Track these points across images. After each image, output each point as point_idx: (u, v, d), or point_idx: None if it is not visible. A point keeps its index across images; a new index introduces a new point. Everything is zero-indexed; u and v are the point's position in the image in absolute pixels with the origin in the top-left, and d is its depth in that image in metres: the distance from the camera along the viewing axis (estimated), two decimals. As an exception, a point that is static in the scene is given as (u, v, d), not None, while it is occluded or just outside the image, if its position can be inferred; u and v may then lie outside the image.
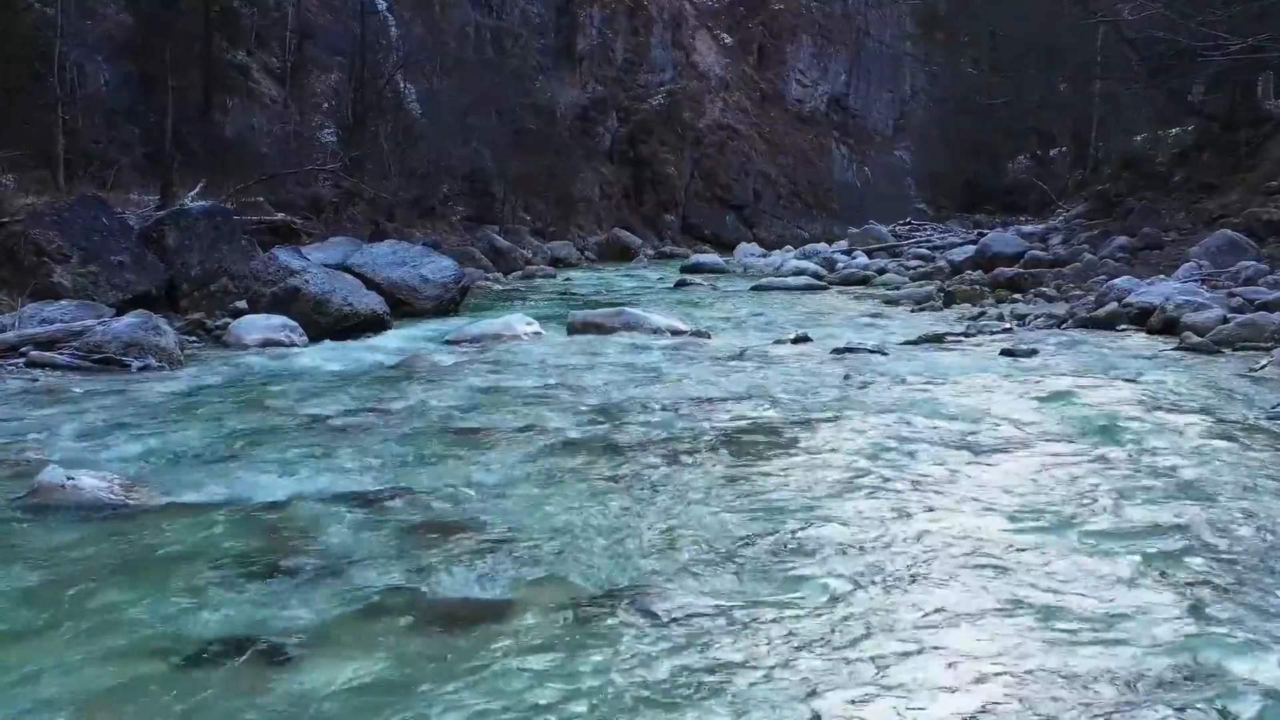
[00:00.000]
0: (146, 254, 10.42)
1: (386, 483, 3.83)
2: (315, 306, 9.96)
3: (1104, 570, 2.87)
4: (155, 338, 7.54)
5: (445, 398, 5.72)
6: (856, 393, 5.73)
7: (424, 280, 12.28)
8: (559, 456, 4.23)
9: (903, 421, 4.84)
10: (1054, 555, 2.97)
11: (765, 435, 4.63)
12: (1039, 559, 2.96)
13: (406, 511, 3.43)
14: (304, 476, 3.89)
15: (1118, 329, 9.06)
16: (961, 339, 8.36)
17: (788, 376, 6.40)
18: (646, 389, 5.95)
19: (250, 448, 4.40)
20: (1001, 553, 3.00)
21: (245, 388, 6.21)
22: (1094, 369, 6.51)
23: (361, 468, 4.03)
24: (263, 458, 4.19)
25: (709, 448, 4.34)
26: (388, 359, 7.79)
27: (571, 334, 9.63)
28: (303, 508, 3.46)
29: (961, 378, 6.22)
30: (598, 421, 4.95)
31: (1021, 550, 3.03)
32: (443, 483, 3.79)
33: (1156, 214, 15.04)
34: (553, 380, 6.35)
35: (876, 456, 4.17)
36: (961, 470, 3.97)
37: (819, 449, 4.32)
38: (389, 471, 4.00)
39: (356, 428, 4.82)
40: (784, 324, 10.76)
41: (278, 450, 4.35)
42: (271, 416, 5.15)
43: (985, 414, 5.06)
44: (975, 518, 3.35)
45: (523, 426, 4.82)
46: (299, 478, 3.87)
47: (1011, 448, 4.34)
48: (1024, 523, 3.32)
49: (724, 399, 5.56)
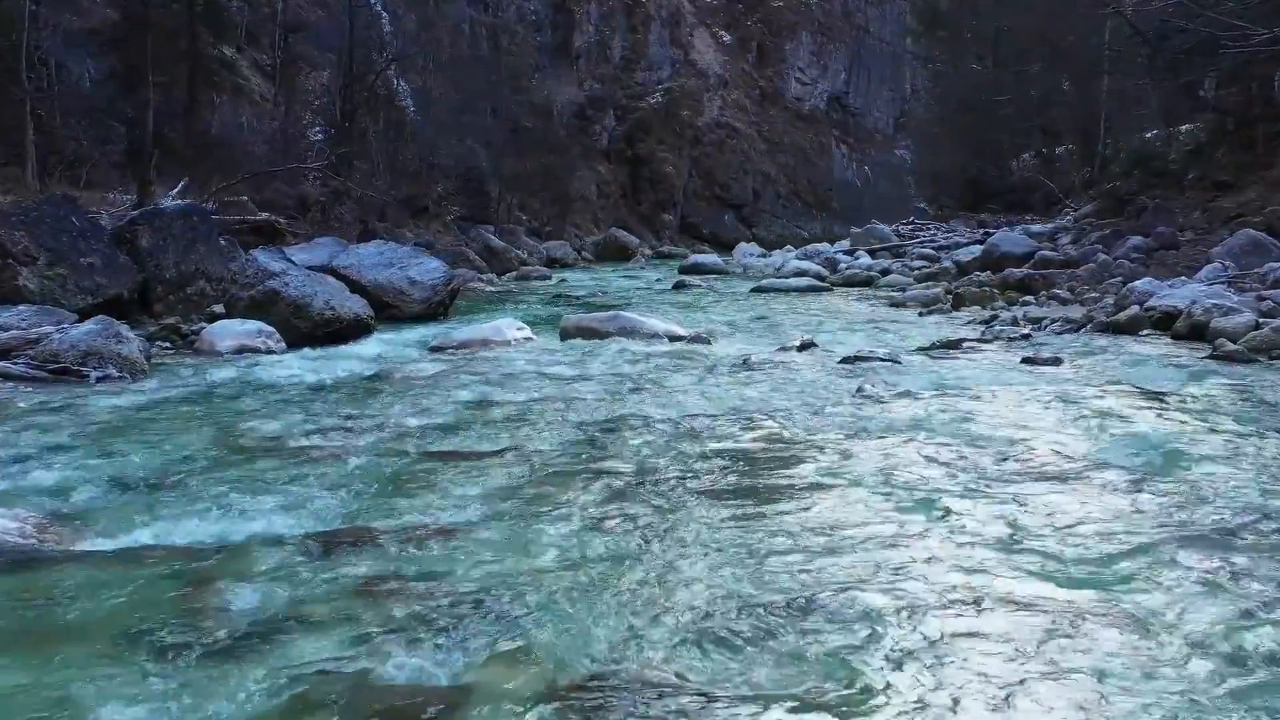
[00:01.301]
0: (119, 255, 9.92)
1: (343, 521, 3.34)
2: (295, 311, 9.48)
3: (1197, 647, 2.39)
4: (116, 346, 7.04)
5: (422, 414, 5.23)
6: (871, 409, 5.24)
7: (412, 282, 11.80)
8: (542, 487, 3.74)
9: (926, 445, 4.36)
10: (1135, 630, 2.48)
11: (773, 462, 4.14)
12: (1117, 632, 2.47)
13: (361, 560, 2.94)
14: (250, 513, 3.40)
15: (1140, 334, 8.59)
16: (977, 345, 7.87)
17: (795, 389, 5.91)
18: (642, 404, 5.46)
19: (196, 476, 3.90)
20: (1067, 622, 2.51)
21: (208, 402, 5.72)
22: (1127, 380, 6.02)
23: (317, 502, 3.54)
24: (207, 489, 3.70)
25: (711, 479, 3.85)
26: (367, 368, 7.30)
27: (564, 339, 9.15)
28: (239, 555, 2.97)
29: (983, 390, 5.73)
30: (587, 444, 4.46)
31: (1092, 619, 2.54)
32: (406, 521, 3.30)
33: (1170, 213, 14.56)
34: (541, 393, 5.86)
35: (902, 491, 3.67)
36: (1002, 508, 3.47)
37: (834, 480, 3.83)
38: (348, 506, 3.51)
39: (320, 451, 4.32)
40: (787, 328, 10.29)
41: (227, 479, 3.85)
42: (228, 437, 4.66)
43: (1017, 435, 4.57)
44: (1029, 573, 2.86)
45: (504, 449, 4.33)
46: (244, 515, 3.37)
47: (1055, 478, 3.85)
48: (1090, 579, 2.83)
49: (726, 416, 5.07)
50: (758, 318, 11.50)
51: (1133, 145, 17.93)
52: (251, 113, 19.93)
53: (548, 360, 7.40)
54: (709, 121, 39.68)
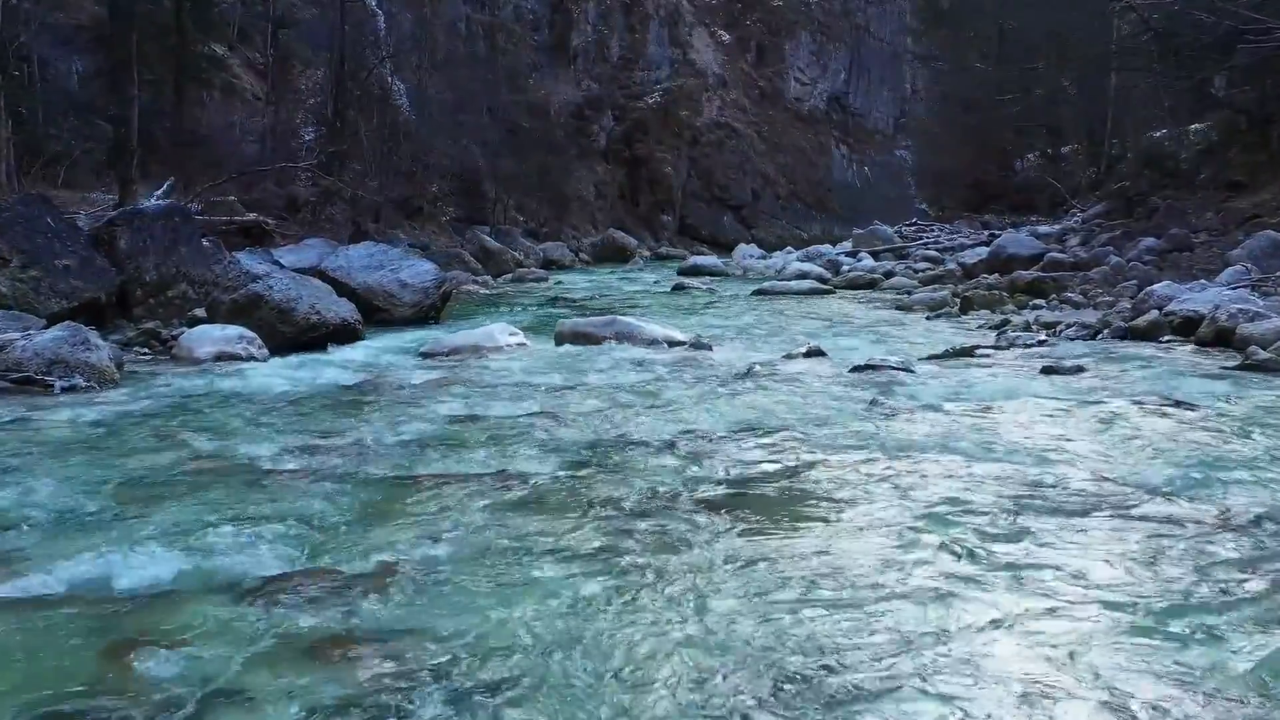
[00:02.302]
0: (96, 257, 9.53)
1: (301, 561, 2.96)
2: (279, 315, 9.08)
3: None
4: (84, 353, 6.65)
5: (404, 430, 4.84)
6: (888, 424, 4.86)
7: (402, 285, 11.41)
8: (529, 519, 3.35)
9: (952, 468, 3.97)
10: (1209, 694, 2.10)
11: (784, 488, 3.75)
12: (1190, 696, 2.09)
13: (316, 611, 2.55)
14: (196, 551, 3.01)
15: (1161, 340, 8.21)
16: (992, 353, 7.49)
17: (804, 401, 5.53)
18: (639, 419, 5.07)
19: (144, 505, 3.51)
20: (1137, 685, 2.13)
21: (174, 416, 5.33)
22: (1157, 393, 5.64)
23: (275, 537, 3.15)
24: (154, 521, 3.31)
25: (716, 511, 3.46)
26: (351, 377, 6.92)
27: (560, 345, 8.77)
28: (175, 605, 2.58)
29: (1006, 404, 5.35)
30: (581, 466, 4.07)
31: (1166, 680, 2.16)
32: (373, 562, 2.92)
33: (1182, 214, 14.21)
34: (533, 406, 5.48)
35: (929, 520, 3.29)
36: (1044, 543, 3.10)
37: (854, 509, 3.45)
38: (309, 543, 3.12)
39: (287, 475, 3.93)
40: (791, 333, 9.90)
41: (178, 509, 3.46)
42: (189, 458, 4.27)
43: (1049, 455, 4.19)
44: (1091, 625, 2.48)
45: (490, 473, 3.94)
46: (189, 553, 2.98)
47: (1098, 507, 3.47)
48: (1153, 629, 2.45)
49: (731, 433, 4.69)
50: (760, 322, 11.12)
51: (1142, 145, 17.56)
52: (243, 112, 19.55)
53: (541, 369, 7.02)
54: (708, 122, 39.30)
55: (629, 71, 37.02)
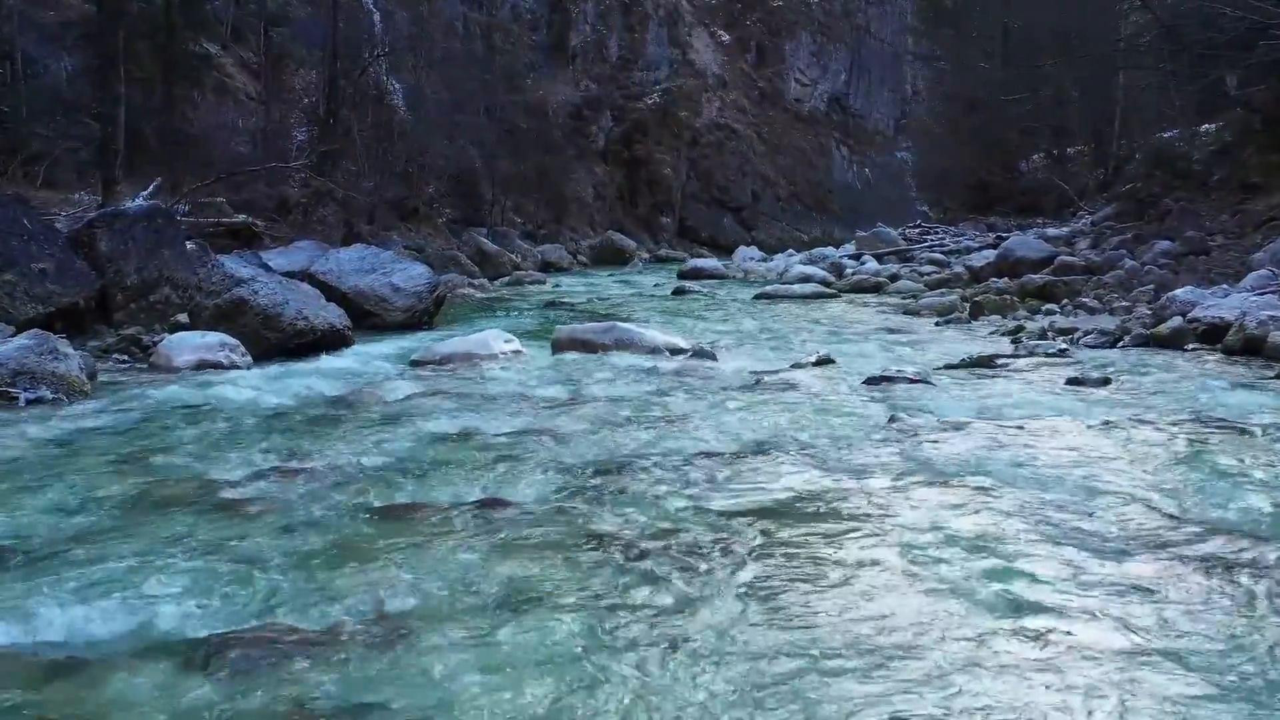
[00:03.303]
0: (75, 261, 9.14)
1: (257, 613, 2.59)
2: (264, 321, 8.74)
3: None
4: (52, 363, 6.28)
5: (388, 450, 4.47)
6: (909, 443, 4.49)
7: (394, 289, 11.05)
8: (518, 560, 2.98)
9: (985, 498, 3.61)
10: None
11: (802, 524, 3.38)
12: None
13: (270, 679, 2.19)
14: (138, 601, 2.64)
15: (1186, 348, 7.85)
16: (1011, 362, 7.13)
17: (817, 417, 5.16)
18: (641, 437, 4.71)
19: (89, 541, 3.15)
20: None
21: (142, 432, 4.96)
22: (1194, 408, 5.28)
23: (232, 583, 2.78)
24: (96, 562, 2.94)
25: (728, 548, 3.09)
26: (336, 387, 6.55)
27: (557, 353, 8.40)
28: (100, 674, 2.21)
29: (1033, 421, 4.98)
30: (578, 494, 3.70)
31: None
32: (337, 617, 2.55)
33: (1195, 216, 13.84)
34: (527, 422, 5.11)
35: (967, 569, 2.92)
36: (1093, 586, 2.74)
37: (880, 547, 3.08)
38: (270, 589, 2.76)
39: (254, 505, 3.57)
40: (797, 340, 9.55)
41: (127, 546, 3.10)
42: (149, 482, 3.90)
43: (1088, 482, 3.83)
44: (1144, 680, 2.12)
45: (477, 503, 3.57)
46: (129, 604, 2.62)
47: (1148, 544, 3.11)
48: (1216, 686, 2.10)
49: (741, 455, 4.32)
50: (763, 327, 10.76)
51: (1152, 145, 17.19)
52: (236, 111, 19.18)
53: (537, 379, 6.65)
54: (707, 122, 38.96)
55: (628, 72, 36.67)
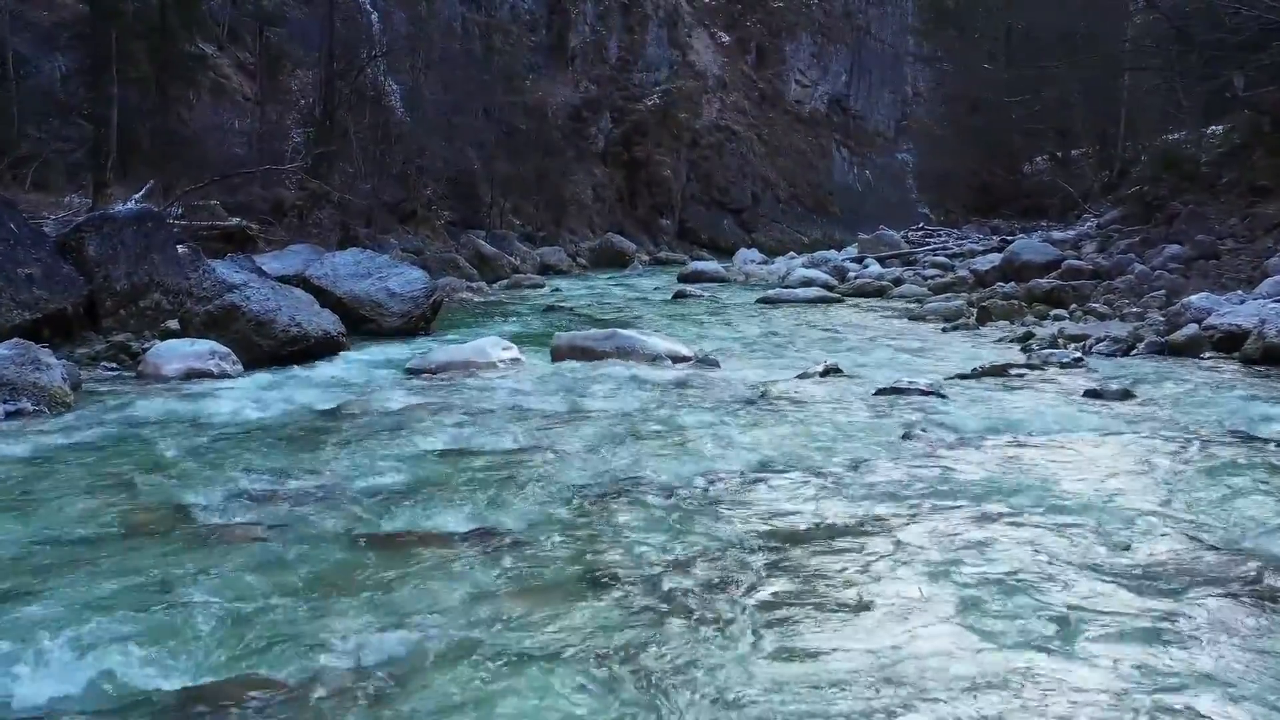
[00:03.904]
0: (62, 266, 8.91)
1: (231, 662, 2.37)
2: (256, 328, 8.52)
3: None
4: (33, 374, 6.06)
5: (378, 469, 4.25)
6: (926, 463, 4.27)
7: (390, 294, 10.83)
8: (514, 601, 2.76)
9: (1011, 522, 3.39)
10: None
11: (816, 553, 3.17)
12: None
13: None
14: (100, 649, 2.42)
15: (1202, 357, 7.65)
16: (1025, 372, 6.91)
17: (828, 433, 4.94)
18: (646, 455, 4.49)
19: (53, 577, 2.92)
20: None
21: (123, 449, 4.74)
22: (1219, 422, 5.07)
23: (206, 626, 2.56)
24: (58, 602, 2.72)
25: (737, 583, 2.88)
26: (328, 398, 6.33)
27: (556, 360, 8.19)
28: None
29: (1055, 437, 4.77)
30: (580, 522, 3.48)
31: None
32: (318, 666, 2.33)
33: (1204, 219, 13.63)
34: (526, 438, 4.89)
35: (1001, 605, 2.71)
36: (1146, 632, 2.52)
37: (905, 582, 2.86)
38: (247, 634, 2.53)
39: (234, 532, 3.35)
40: (802, 347, 9.35)
41: (94, 583, 2.87)
42: (125, 507, 3.68)
43: (1122, 507, 3.61)
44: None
45: (472, 532, 3.34)
46: (90, 653, 2.39)
47: (1198, 580, 2.89)
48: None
49: (750, 476, 4.10)
50: (767, 333, 10.55)
51: (1159, 147, 16.97)
52: (232, 113, 18.96)
53: (535, 390, 6.43)
54: (707, 124, 38.78)
55: (627, 73, 36.46)
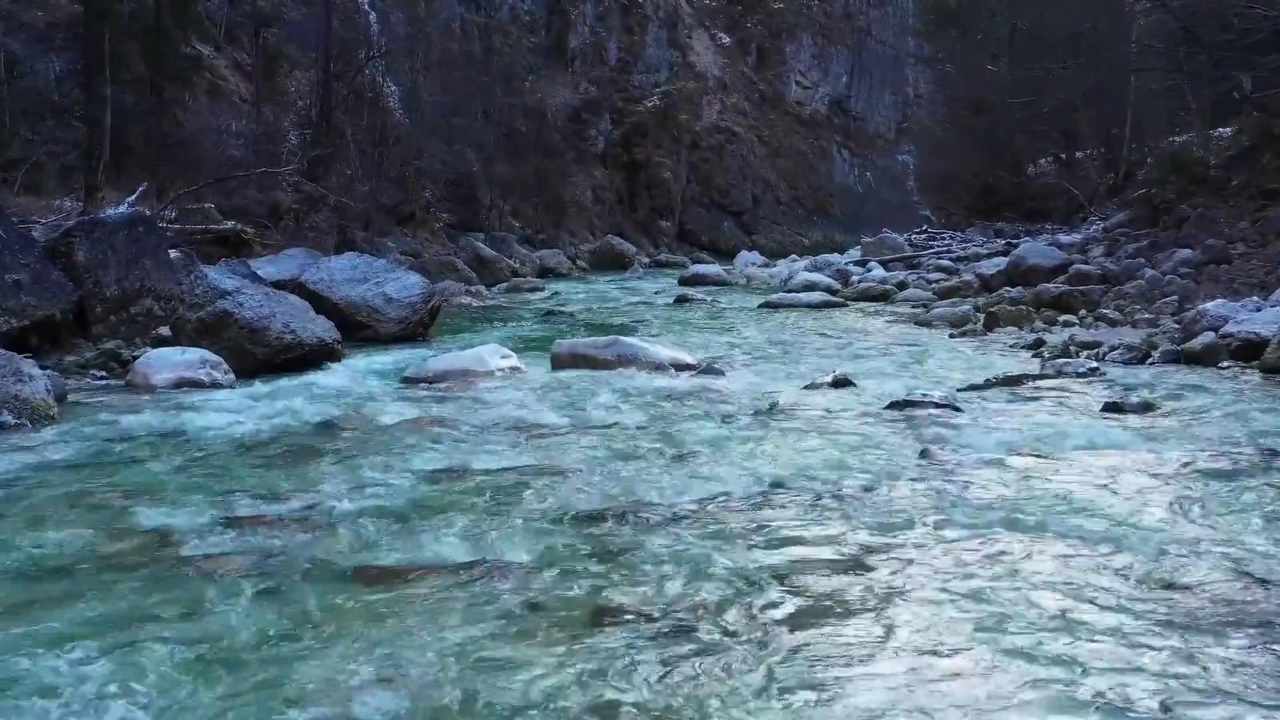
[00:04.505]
0: (51, 271, 8.70)
1: (196, 718, 2.16)
2: (249, 335, 8.30)
3: None
4: (15, 386, 5.85)
5: (370, 490, 4.05)
6: (946, 485, 4.07)
7: (387, 300, 10.61)
8: (512, 645, 2.55)
9: (1041, 554, 3.19)
10: None
11: (833, 587, 2.96)
12: None
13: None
14: (57, 700, 2.21)
15: (1220, 366, 7.44)
16: (1040, 383, 6.71)
17: (841, 450, 4.74)
18: (652, 475, 4.28)
19: (15, 614, 2.71)
20: None
21: (104, 466, 4.54)
22: (1247, 438, 4.86)
23: (176, 673, 2.35)
24: (15, 643, 2.51)
25: (751, 622, 2.67)
26: (321, 410, 6.13)
27: (556, 368, 8.00)
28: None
29: (1078, 455, 4.57)
30: (583, 551, 3.28)
31: None
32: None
33: (1213, 223, 13.42)
34: (525, 456, 4.68)
35: (1032, 643, 2.51)
36: (1203, 681, 2.31)
37: (933, 625, 2.66)
38: (220, 681, 2.33)
39: (215, 563, 3.14)
40: (808, 354, 9.13)
41: (57, 625, 2.66)
42: (100, 533, 3.47)
43: (1156, 533, 3.41)
44: None
45: (467, 565, 3.13)
46: (43, 708, 2.18)
47: (1249, 618, 2.69)
48: None
49: (762, 499, 3.90)
50: (772, 340, 10.34)
51: (1166, 149, 16.77)
52: (229, 114, 18.74)
53: (536, 402, 6.23)
54: (707, 125, 38.57)
55: (627, 74, 36.25)
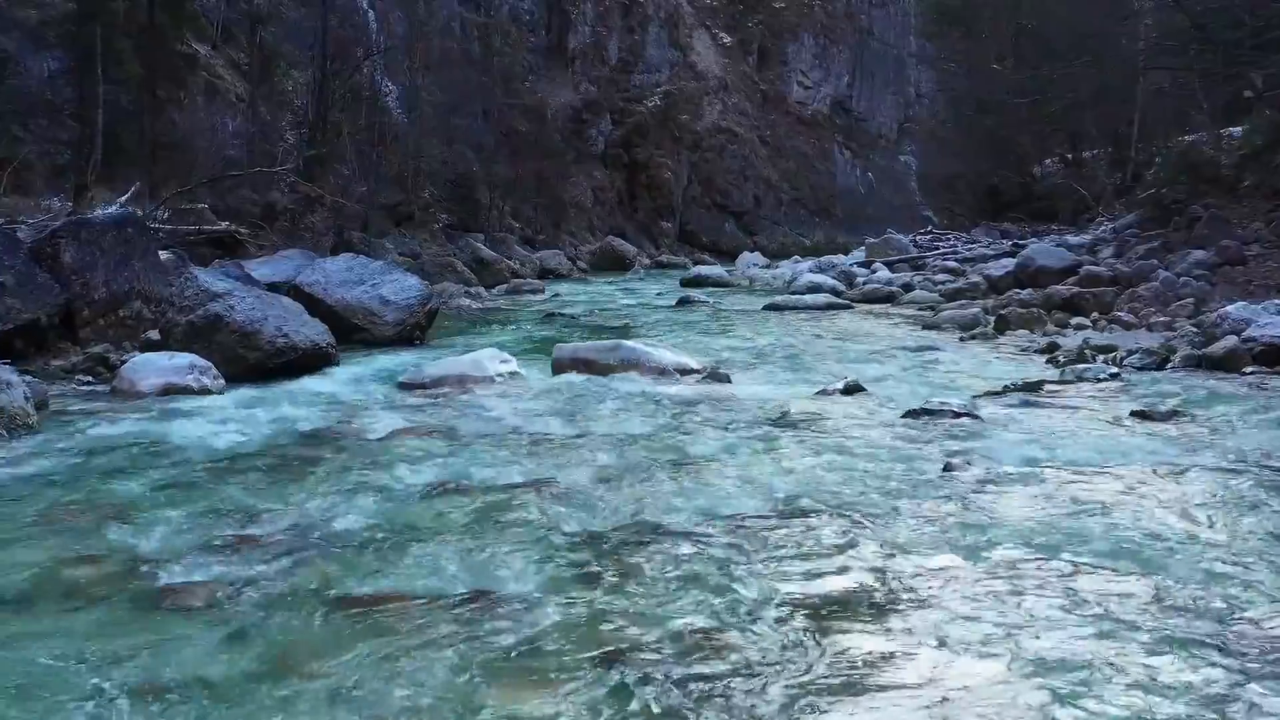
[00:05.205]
0: (37, 273, 8.44)
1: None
2: (240, 339, 8.04)
3: None
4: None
5: (360, 509, 3.79)
6: (973, 503, 3.81)
7: (384, 302, 10.35)
8: (508, 689, 2.29)
9: (1081, 580, 2.95)
10: None
11: (857, 620, 2.72)
12: None
13: None
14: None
15: (1244, 372, 7.19)
16: (1061, 388, 6.46)
17: (859, 464, 4.48)
18: (656, 490, 4.03)
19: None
20: None
21: (81, 481, 4.28)
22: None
23: (136, 716, 2.11)
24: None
25: (765, 659, 2.42)
26: (313, 418, 5.89)
27: (557, 374, 7.75)
28: None
29: (1110, 468, 4.32)
30: (586, 579, 3.02)
31: None
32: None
33: (1226, 224, 13.19)
34: (523, 470, 4.42)
35: (1085, 689, 2.26)
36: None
37: (970, 678, 2.41)
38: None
39: (190, 594, 2.89)
40: (815, 358, 8.88)
41: (17, 663, 2.42)
42: (71, 557, 3.22)
43: (1202, 559, 3.17)
44: None
45: (461, 596, 2.87)
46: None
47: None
48: None
49: (775, 519, 3.64)
50: (778, 343, 10.08)
51: (1176, 148, 16.52)
52: (226, 114, 18.50)
53: (536, 410, 5.97)
54: (708, 125, 38.31)
55: (628, 74, 36.01)
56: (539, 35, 32.74)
